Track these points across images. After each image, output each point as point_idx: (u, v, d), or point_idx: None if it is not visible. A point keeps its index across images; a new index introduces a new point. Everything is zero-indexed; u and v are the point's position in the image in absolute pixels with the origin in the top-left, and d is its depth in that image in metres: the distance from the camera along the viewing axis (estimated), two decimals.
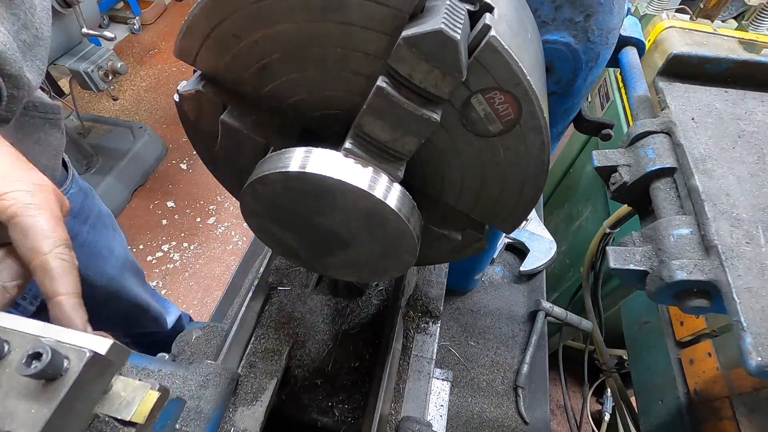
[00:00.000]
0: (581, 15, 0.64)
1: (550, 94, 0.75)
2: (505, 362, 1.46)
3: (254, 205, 0.55)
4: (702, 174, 0.56)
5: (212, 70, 0.52)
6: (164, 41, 4.55)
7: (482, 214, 0.61)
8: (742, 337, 0.44)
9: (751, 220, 0.52)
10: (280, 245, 0.64)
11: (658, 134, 0.62)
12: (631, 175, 0.61)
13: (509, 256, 1.74)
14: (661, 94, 0.69)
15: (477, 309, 1.58)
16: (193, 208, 3.26)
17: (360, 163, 0.48)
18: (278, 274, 1.08)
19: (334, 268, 0.66)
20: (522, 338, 1.52)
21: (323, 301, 1.05)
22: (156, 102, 3.94)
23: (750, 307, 0.45)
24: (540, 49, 0.60)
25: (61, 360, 0.35)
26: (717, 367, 1.02)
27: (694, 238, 0.51)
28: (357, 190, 0.47)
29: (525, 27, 0.52)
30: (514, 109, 0.46)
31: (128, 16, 4.53)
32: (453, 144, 0.53)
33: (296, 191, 0.50)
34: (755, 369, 0.42)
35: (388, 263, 0.59)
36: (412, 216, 0.51)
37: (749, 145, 0.61)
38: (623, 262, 0.54)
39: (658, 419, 1.16)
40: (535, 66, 0.50)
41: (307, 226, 0.57)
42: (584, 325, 1.56)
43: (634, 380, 1.34)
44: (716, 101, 0.67)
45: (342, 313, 1.04)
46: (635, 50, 0.83)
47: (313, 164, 0.47)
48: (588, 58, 0.69)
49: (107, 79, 2.29)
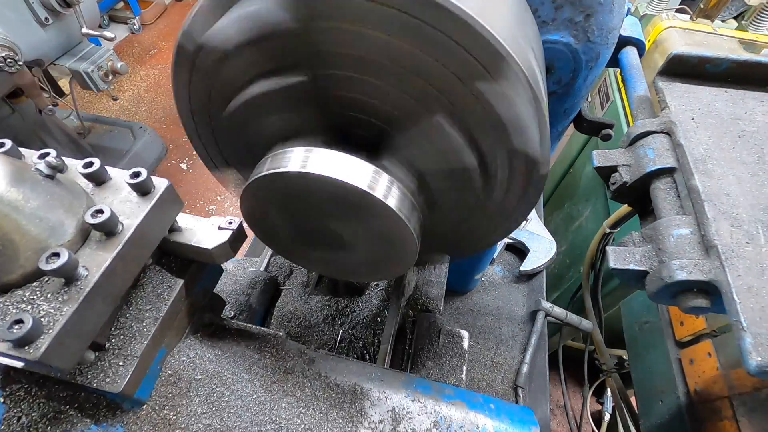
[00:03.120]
0: (581, 15, 0.64)
1: (550, 94, 0.75)
2: (505, 362, 1.45)
3: (254, 205, 0.55)
4: (702, 174, 0.56)
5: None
6: (164, 41, 4.55)
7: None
8: (742, 337, 0.44)
9: (751, 220, 0.52)
10: (280, 245, 0.64)
11: (658, 134, 0.62)
12: (631, 175, 0.61)
13: (509, 256, 1.74)
14: (661, 94, 0.69)
15: (477, 309, 1.58)
16: (193, 208, 3.26)
17: (360, 164, 0.48)
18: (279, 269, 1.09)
19: (334, 268, 0.66)
20: (522, 338, 1.51)
21: (323, 301, 1.05)
22: (156, 102, 3.94)
23: (750, 307, 0.45)
24: (540, 49, 0.60)
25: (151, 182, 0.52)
26: (717, 367, 1.02)
27: (694, 238, 0.51)
28: (357, 189, 0.47)
29: (525, 27, 0.52)
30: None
31: (128, 16, 4.53)
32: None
33: (296, 191, 0.50)
34: (755, 369, 0.42)
35: (388, 263, 0.59)
36: (412, 216, 0.51)
37: (749, 145, 0.61)
38: (623, 262, 0.54)
39: (658, 419, 1.16)
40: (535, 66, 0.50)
41: (307, 226, 0.57)
42: (584, 325, 1.56)
43: (634, 380, 1.34)
44: (716, 101, 0.67)
45: (342, 313, 1.04)
46: (635, 50, 0.83)
47: (313, 164, 0.47)
48: (588, 58, 0.69)
49: (107, 79, 2.29)
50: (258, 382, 0.61)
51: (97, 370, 0.51)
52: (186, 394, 0.57)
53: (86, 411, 0.55)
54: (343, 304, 1.06)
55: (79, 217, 0.47)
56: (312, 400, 0.61)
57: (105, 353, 0.52)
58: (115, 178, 0.54)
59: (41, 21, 1.86)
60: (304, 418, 0.59)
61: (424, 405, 0.63)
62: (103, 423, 0.54)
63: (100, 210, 0.45)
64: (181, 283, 0.58)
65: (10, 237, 0.42)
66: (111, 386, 0.50)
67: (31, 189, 0.44)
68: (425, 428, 0.61)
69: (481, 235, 0.65)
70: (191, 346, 0.61)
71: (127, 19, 4.54)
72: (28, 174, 0.45)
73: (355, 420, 0.60)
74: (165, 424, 0.55)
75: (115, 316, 0.54)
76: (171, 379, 0.58)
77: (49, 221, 0.44)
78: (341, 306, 1.05)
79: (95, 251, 0.46)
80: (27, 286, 0.44)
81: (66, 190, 0.48)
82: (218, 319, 0.68)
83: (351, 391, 0.63)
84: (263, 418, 0.58)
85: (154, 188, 0.52)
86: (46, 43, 1.97)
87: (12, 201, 0.42)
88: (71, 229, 0.46)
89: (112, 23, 4.59)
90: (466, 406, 0.64)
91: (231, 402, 0.58)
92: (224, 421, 0.57)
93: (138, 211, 0.50)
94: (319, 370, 0.65)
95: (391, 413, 0.62)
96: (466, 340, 0.87)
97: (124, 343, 0.53)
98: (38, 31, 1.88)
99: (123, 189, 0.52)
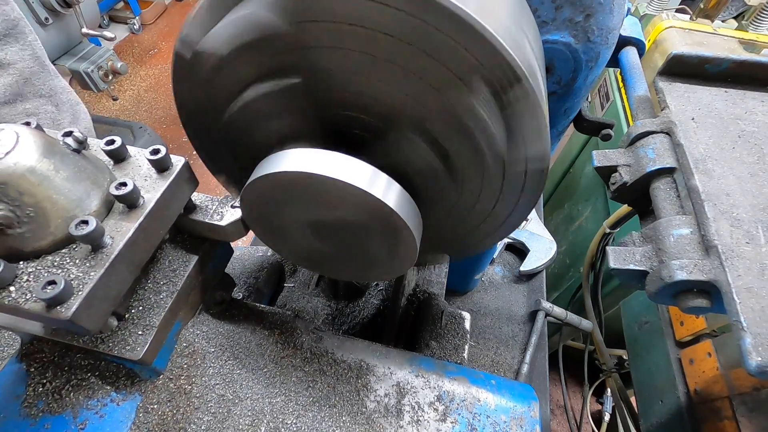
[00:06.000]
0: (581, 15, 0.64)
1: (550, 94, 0.75)
2: (505, 362, 1.45)
3: (254, 205, 0.55)
4: (702, 174, 0.56)
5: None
6: (164, 41, 4.55)
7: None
8: (742, 337, 0.44)
9: (751, 220, 0.52)
10: (280, 245, 0.64)
11: (658, 134, 0.62)
12: (631, 175, 0.61)
13: (509, 256, 1.74)
14: (661, 94, 0.69)
15: (477, 309, 1.58)
16: None
17: (359, 163, 0.48)
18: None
19: (334, 268, 0.66)
20: (522, 338, 1.51)
21: (323, 301, 1.05)
22: (156, 102, 3.94)
23: (750, 307, 0.45)
24: (540, 49, 0.60)
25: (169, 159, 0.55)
26: (717, 367, 1.02)
27: (694, 238, 0.51)
28: (356, 189, 0.47)
29: (524, 27, 0.52)
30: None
31: (128, 16, 4.53)
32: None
33: (295, 192, 0.50)
34: (755, 369, 0.42)
35: (388, 262, 0.59)
36: (411, 215, 0.51)
37: (749, 145, 0.61)
38: (623, 262, 0.54)
39: (658, 419, 1.16)
40: (535, 66, 0.50)
41: (307, 226, 0.57)
42: (584, 325, 1.56)
43: (634, 380, 1.34)
44: (716, 101, 0.67)
45: (342, 313, 1.04)
46: (635, 50, 0.83)
47: (313, 164, 0.47)
48: (588, 58, 0.69)
49: (107, 79, 2.29)
50: (268, 356, 0.65)
51: (118, 338, 0.54)
52: (200, 366, 0.61)
53: (107, 379, 0.59)
54: (343, 305, 1.06)
55: (104, 189, 0.50)
56: (320, 375, 0.64)
57: (125, 323, 0.55)
58: (135, 155, 0.57)
59: (41, 21, 1.86)
60: (312, 391, 0.62)
61: (428, 380, 0.65)
62: (122, 390, 0.58)
63: (124, 183, 0.48)
64: (195, 259, 0.61)
65: (42, 205, 0.45)
66: (131, 353, 0.53)
67: (61, 161, 0.47)
68: (429, 401, 0.63)
69: (477, 237, 0.65)
70: (204, 321, 0.65)
71: (127, 19, 4.54)
72: (57, 147, 0.47)
73: (362, 393, 0.63)
74: (180, 393, 0.59)
75: (135, 288, 0.57)
76: (186, 351, 0.62)
77: (77, 192, 0.47)
78: (341, 306, 1.06)
79: (119, 222, 0.50)
80: (56, 252, 0.47)
81: (91, 164, 0.51)
82: (229, 297, 0.72)
83: (357, 367, 0.66)
84: (273, 390, 0.61)
85: (172, 165, 0.55)
86: (46, 43, 1.96)
87: (44, 171, 0.45)
88: (96, 200, 0.49)
89: (112, 23, 4.59)
90: (468, 381, 0.66)
91: (243, 374, 0.62)
92: (236, 393, 0.60)
93: (158, 186, 0.53)
94: (326, 346, 0.68)
95: (395, 387, 0.64)
96: (467, 320, 0.90)
97: (143, 313, 0.56)
98: (38, 31, 1.88)
99: (143, 165, 0.56)
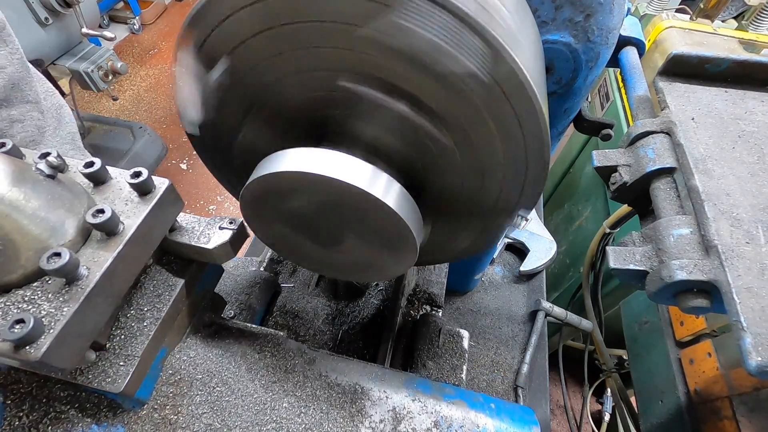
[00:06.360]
0: (581, 15, 0.64)
1: (550, 94, 0.75)
2: (505, 362, 1.45)
3: (254, 205, 0.55)
4: (702, 174, 0.56)
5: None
6: (164, 41, 4.55)
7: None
8: (742, 337, 0.43)
9: (751, 220, 0.52)
10: (279, 245, 0.64)
11: (658, 134, 0.62)
12: (631, 175, 0.61)
13: (509, 256, 1.74)
14: (661, 94, 0.68)
15: (477, 309, 1.58)
16: (194, 208, 3.26)
17: (358, 163, 0.48)
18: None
19: (334, 268, 0.66)
20: (522, 338, 1.51)
21: (323, 301, 1.05)
22: (156, 102, 3.94)
23: (750, 307, 0.45)
24: (540, 48, 0.60)
25: (152, 182, 0.53)
26: (717, 367, 1.02)
27: (694, 238, 0.51)
28: (355, 189, 0.47)
29: (525, 27, 0.52)
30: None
31: (128, 16, 4.53)
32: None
33: (295, 192, 0.50)
34: (755, 369, 0.42)
35: (388, 262, 0.59)
36: (411, 215, 0.51)
37: (749, 145, 0.61)
38: (623, 262, 0.54)
39: (658, 419, 1.16)
40: (536, 66, 0.50)
41: (306, 226, 0.57)
42: (584, 325, 1.56)
43: (634, 380, 1.34)
44: (716, 101, 0.67)
45: (342, 313, 1.04)
46: (635, 50, 0.83)
47: (313, 164, 0.47)
48: (588, 58, 0.69)
49: (107, 79, 2.29)
50: (258, 381, 0.61)
51: (98, 370, 0.51)
52: (187, 394, 0.57)
53: (87, 411, 0.55)
54: (343, 305, 1.06)
55: (80, 216, 0.47)
56: (312, 400, 0.61)
57: (106, 353, 0.52)
58: (116, 177, 0.54)
59: (41, 21, 1.86)
60: (304, 418, 0.59)
61: (425, 404, 0.63)
62: (104, 423, 0.54)
63: (101, 210, 0.46)
64: (181, 283, 0.58)
65: (11, 237, 0.42)
66: (112, 386, 0.50)
67: (33, 189, 0.44)
68: (426, 428, 0.61)
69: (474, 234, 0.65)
70: (192, 345, 0.62)
71: (127, 19, 4.53)
72: (29, 174, 0.45)
73: (356, 420, 0.60)
74: (166, 423, 0.55)
75: (116, 315, 0.54)
76: (172, 379, 0.58)
77: (50, 221, 0.45)
78: (341, 306, 1.06)
79: (96, 251, 0.47)
80: (28, 286, 0.44)
81: (67, 189, 0.48)
82: (219, 318, 0.69)
83: (351, 391, 0.63)
84: (264, 417, 0.58)
85: (154, 188, 0.52)
86: (46, 43, 1.97)
87: (13, 201, 0.42)
88: (72, 229, 0.46)
89: (112, 23, 4.59)
90: (467, 406, 0.64)
91: (231, 402, 0.58)
92: (225, 421, 0.56)
93: (139, 211, 0.50)
94: (320, 369, 0.65)
95: (391, 413, 0.62)
96: (466, 339, 0.87)
97: (125, 342, 0.53)
98: (38, 31, 1.88)
99: (124, 189, 0.53)
